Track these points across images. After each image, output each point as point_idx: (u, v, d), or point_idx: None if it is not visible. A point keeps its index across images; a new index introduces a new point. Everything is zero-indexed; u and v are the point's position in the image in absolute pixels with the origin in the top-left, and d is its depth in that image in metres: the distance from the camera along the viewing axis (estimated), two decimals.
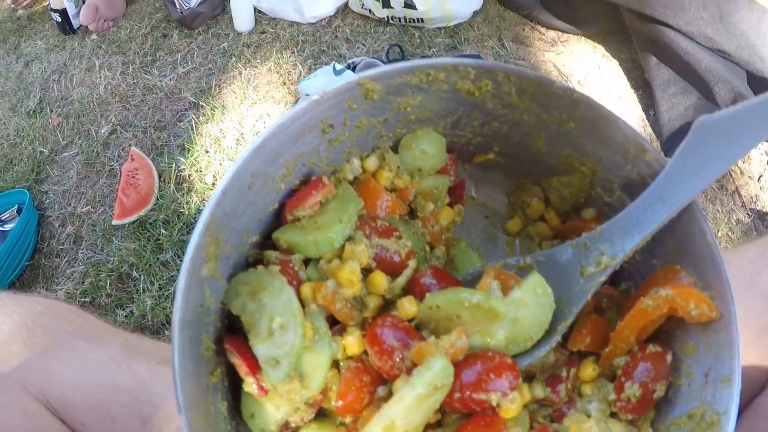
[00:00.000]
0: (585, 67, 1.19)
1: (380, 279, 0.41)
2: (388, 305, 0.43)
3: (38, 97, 1.44)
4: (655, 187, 0.38)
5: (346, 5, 1.34)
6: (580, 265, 0.42)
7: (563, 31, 1.26)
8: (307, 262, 0.42)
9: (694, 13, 0.98)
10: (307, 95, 0.96)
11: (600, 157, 0.44)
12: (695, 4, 0.98)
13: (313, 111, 0.38)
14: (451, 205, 0.52)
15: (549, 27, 1.28)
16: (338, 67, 0.96)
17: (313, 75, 1.00)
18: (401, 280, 0.42)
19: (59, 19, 1.58)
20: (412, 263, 0.43)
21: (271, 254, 0.40)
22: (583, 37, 1.25)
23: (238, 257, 0.40)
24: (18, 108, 1.44)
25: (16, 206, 1.18)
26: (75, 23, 1.59)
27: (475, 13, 1.28)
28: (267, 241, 0.43)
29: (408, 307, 0.40)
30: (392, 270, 0.43)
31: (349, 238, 0.42)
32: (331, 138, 0.42)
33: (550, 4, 1.25)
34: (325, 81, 0.96)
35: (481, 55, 1.10)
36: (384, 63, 0.98)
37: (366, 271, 0.42)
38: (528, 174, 0.52)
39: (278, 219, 0.43)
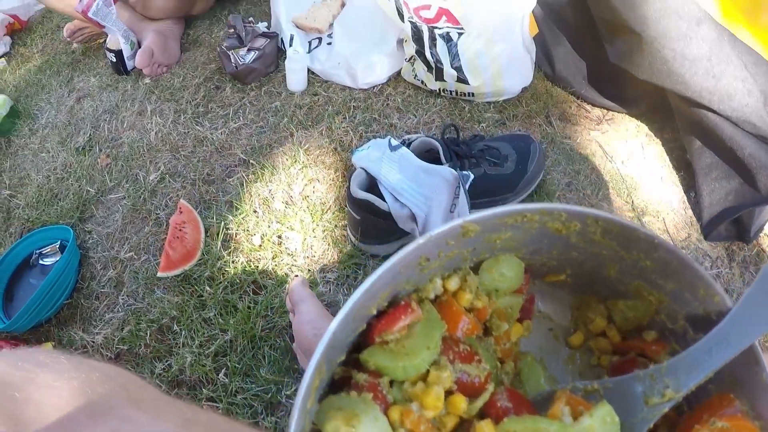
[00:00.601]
0: (629, 146, 1.22)
1: (460, 401, 0.44)
2: (462, 423, 0.45)
3: (88, 134, 1.48)
4: (720, 328, 0.41)
5: (398, 74, 1.39)
6: (645, 394, 0.45)
7: (608, 109, 1.29)
8: (391, 382, 0.44)
9: (740, 101, 1.00)
10: (361, 168, 0.99)
11: (669, 291, 0.47)
12: (741, 92, 1.00)
13: (417, 251, 0.42)
14: (520, 320, 0.55)
15: (595, 104, 1.31)
16: (394, 142, 1.00)
17: (367, 146, 1.03)
18: (479, 402, 0.45)
19: (114, 59, 1.63)
20: (490, 387, 0.46)
21: (361, 377, 0.43)
22: (627, 116, 1.27)
23: (328, 378, 0.43)
24: (67, 143, 1.49)
25: (59, 242, 1.21)
26: (129, 65, 1.64)
27: (524, 89, 1.32)
28: (350, 356, 0.46)
29: (486, 431, 0.42)
30: (471, 392, 0.46)
31: (434, 363, 0.44)
32: (423, 267, 0.45)
33: (597, 82, 1.28)
34: (379, 155, 0.99)
35: (531, 135, 1.13)
36: (439, 142, 1.01)
37: (446, 392, 0.45)
38: (595, 293, 0.55)
39: (363, 337, 0.46)
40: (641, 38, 1.06)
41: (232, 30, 1.45)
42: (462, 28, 1.22)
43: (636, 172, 1.19)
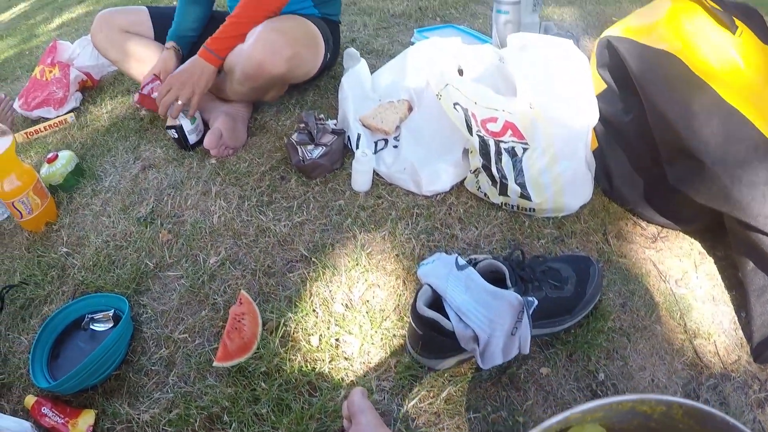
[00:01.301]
0: (682, 265, 1.25)
1: None
2: None
3: (151, 206, 1.54)
4: None
5: (461, 183, 1.45)
6: None
7: (663, 226, 1.34)
8: None
9: None
10: (427, 284, 1.03)
11: None
12: None
13: None
14: None
15: (650, 221, 1.36)
16: (461, 261, 1.04)
17: (433, 260, 1.07)
18: None
19: (176, 135, 1.70)
20: None
21: None
22: (681, 233, 1.32)
23: None
24: (129, 211, 1.55)
25: (113, 311, 1.25)
26: (191, 138, 1.71)
27: (583, 206, 1.37)
28: None
29: None
30: None
31: None
32: None
33: (654, 200, 1.33)
34: (446, 272, 1.03)
35: (591, 257, 1.16)
36: (506, 266, 1.05)
37: None
38: None
39: None
40: (702, 163, 1.12)
41: (303, 125, 1.53)
42: (527, 143, 1.29)
43: (689, 291, 1.22)
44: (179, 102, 1.62)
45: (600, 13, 2.80)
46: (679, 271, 1.25)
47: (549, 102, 1.26)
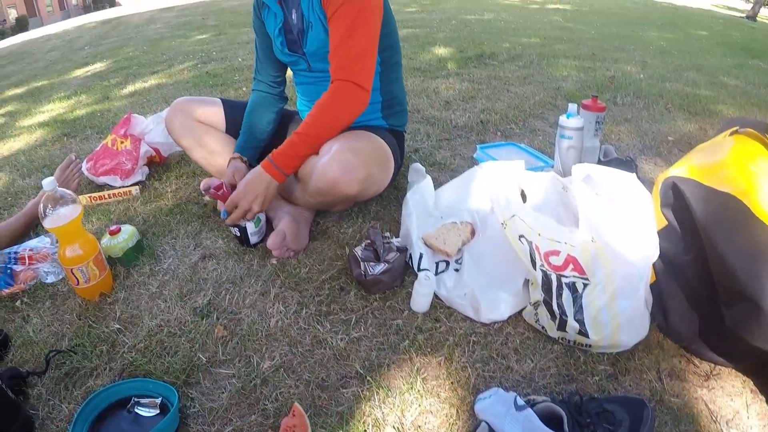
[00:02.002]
0: (734, 404, 1.25)
1: None
2: None
3: (208, 298, 1.59)
4: None
5: (519, 313, 1.47)
6: None
7: (716, 364, 1.33)
8: None
9: None
10: (485, 421, 1.05)
11: None
12: None
13: None
14: None
15: (703, 358, 1.36)
16: (520, 402, 1.06)
17: (489, 395, 1.10)
18: None
19: (238, 234, 1.77)
20: None
21: None
22: (733, 371, 1.32)
23: None
24: (186, 299, 1.59)
25: (160, 399, 1.27)
26: (253, 239, 1.77)
27: (637, 342, 1.38)
28: None
29: None
30: None
31: None
32: None
33: (709, 337, 1.33)
34: (504, 411, 1.05)
35: (645, 400, 1.17)
36: (564, 411, 1.07)
37: None
38: None
39: None
40: (759, 308, 1.13)
41: (369, 242, 1.58)
42: (587, 279, 1.33)
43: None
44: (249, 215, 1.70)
45: (656, 131, 2.88)
46: (730, 411, 1.24)
47: (610, 236, 1.30)
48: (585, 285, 1.34)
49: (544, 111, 3.17)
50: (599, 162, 2.21)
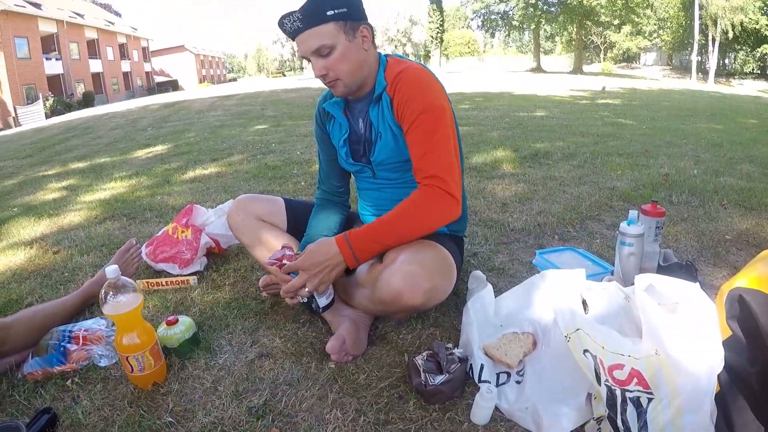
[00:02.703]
0: None
1: None
2: None
3: (264, 398, 1.58)
4: None
5: (581, 427, 1.43)
6: None
7: None
8: None
9: None
10: None
11: None
12: None
13: None
14: None
15: None
16: None
17: None
18: None
19: (305, 300, 1.71)
20: None
21: None
22: None
23: None
24: (241, 398, 1.58)
25: None
26: (321, 302, 1.71)
27: None
28: None
29: None
30: None
31: None
32: None
33: None
34: None
35: None
36: None
37: None
38: None
39: None
40: None
41: (432, 353, 1.58)
42: (652, 393, 1.29)
43: None
44: (306, 290, 1.66)
45: (713, 230, 2.84)
46: None
47: (675, 349, 1.27)
48: (650, 400, 1.30)
49: (600, 213, 3.17)
50: (659, 267, 2.18)
